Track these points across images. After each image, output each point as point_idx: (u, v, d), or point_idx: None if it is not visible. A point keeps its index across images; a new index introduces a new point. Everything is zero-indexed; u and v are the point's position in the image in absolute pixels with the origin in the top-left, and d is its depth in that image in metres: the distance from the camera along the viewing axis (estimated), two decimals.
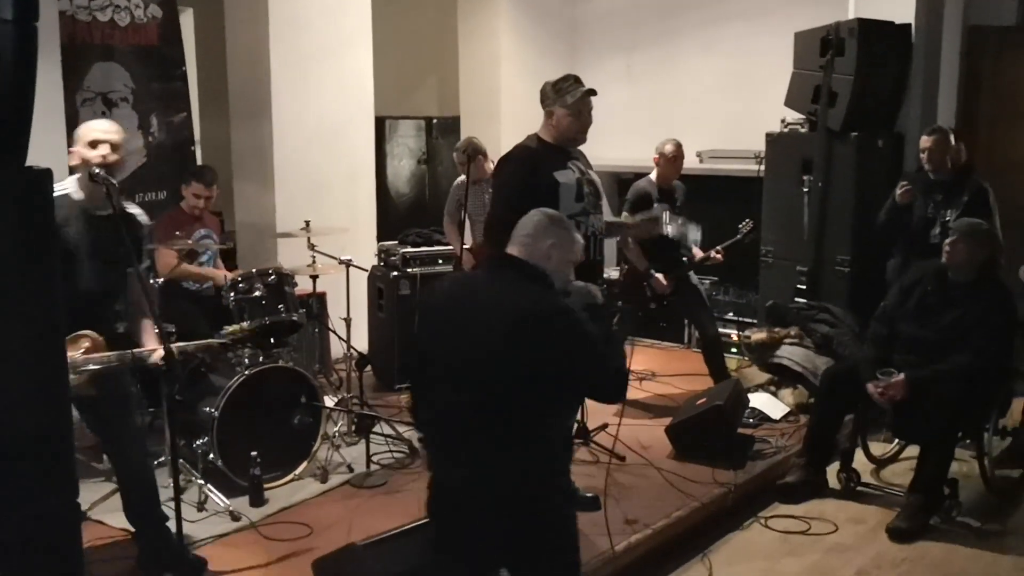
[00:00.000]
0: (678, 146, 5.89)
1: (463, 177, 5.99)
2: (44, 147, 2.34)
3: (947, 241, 4.58)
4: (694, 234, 5.83)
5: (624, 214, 5.76)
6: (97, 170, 3.32)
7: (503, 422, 2.65)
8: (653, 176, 5.91)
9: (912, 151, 5.93)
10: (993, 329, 4.42)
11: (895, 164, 6.22)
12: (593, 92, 4.00)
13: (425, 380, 2.84)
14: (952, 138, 5.47)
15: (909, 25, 6.24)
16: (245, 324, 4.54)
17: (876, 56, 6.03)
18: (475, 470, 2.68)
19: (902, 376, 4.43)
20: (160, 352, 3.39)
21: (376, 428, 4.95)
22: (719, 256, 5.92)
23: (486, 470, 2.67)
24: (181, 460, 4.20)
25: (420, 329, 2.95)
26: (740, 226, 6.00)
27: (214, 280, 5.28)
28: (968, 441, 4.80)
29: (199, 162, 6.91)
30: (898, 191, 5.43)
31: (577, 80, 3.98)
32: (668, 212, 5.83)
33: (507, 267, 2.82)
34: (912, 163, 5.98)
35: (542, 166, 3.91)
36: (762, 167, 6.59)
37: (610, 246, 7.12)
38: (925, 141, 5.44)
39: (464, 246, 5.88)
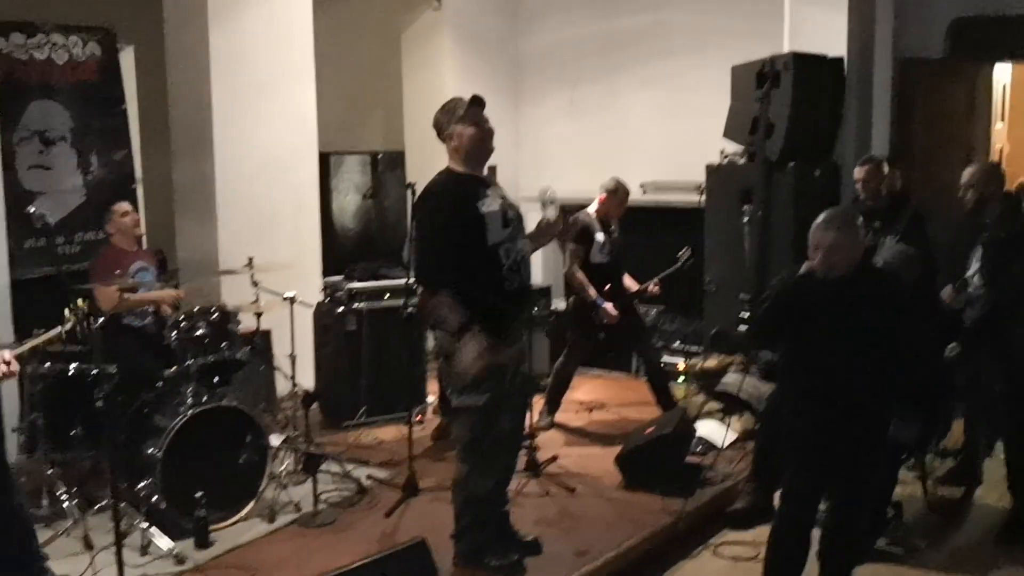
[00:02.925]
0: (625, 188, 5.97)
1: None
2: None
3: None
4: None
5: (570, 245, 5.81)
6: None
7: None
8: (592, 209, 5.97)
9: (848, 180, 6.05)
10: (922, 344, 4.47)
11: (832, 193, 6.34)
12: (480, 100, 3.95)
13: None
14: (885, 166, 5.58)
15: (842, 58, 6.42)
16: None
17: (811, 88, 6.18)
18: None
19: None
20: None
21: (323, 466, 4.89)
22: (656, 289, 5.99)
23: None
24: (123, 503, 4.11)
25: None
26: (679, 255, 6.08)
27: (163, 301, 5.16)
28: (911, 462, 4.89)
29: (140, 199, 6.82)
30: None
31: (461, 98, 4.00)
32: (607, 239, 5.89)
33: None
34: (849, 191, 6.11)
35: (464, 199, 3.83)
36: (703, 198, 6.69)
37: (558, 277, 7.15)
38: (859, 172, 5.55)
39: None
